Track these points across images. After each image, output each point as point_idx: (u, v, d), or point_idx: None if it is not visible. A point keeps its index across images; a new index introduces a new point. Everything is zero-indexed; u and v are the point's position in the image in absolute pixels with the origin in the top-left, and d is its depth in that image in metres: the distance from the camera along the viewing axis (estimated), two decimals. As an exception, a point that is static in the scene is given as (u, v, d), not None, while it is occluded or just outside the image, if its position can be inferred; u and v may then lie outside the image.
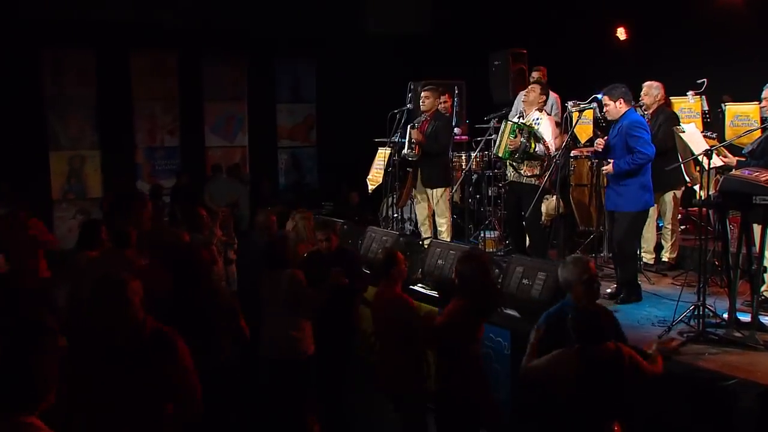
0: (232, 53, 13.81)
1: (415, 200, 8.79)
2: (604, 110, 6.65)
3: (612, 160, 6.55)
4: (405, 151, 8.43)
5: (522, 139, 7.35)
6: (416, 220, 9.13)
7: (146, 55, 13.26)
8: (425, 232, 8.71)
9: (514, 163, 7.55)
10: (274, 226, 7.17)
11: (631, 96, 6.65)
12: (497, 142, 7.72)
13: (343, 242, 8.11)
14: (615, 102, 6.47)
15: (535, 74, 9.30)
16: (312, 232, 6.76)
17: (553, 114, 8.42)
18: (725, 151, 6.36)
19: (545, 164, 7.45)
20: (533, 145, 7.34)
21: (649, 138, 6.44)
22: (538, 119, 7.54)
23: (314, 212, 11.85)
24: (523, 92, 9.20)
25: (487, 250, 8.51)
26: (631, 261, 6.61)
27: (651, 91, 7.54)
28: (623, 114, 6.48)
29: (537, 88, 7.65)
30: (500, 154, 7.66)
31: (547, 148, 7.39)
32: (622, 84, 6.56)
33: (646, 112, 7.54)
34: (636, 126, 6.41)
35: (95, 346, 3.70)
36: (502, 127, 7.62)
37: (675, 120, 7.36)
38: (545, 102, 7.72)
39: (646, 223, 7.16)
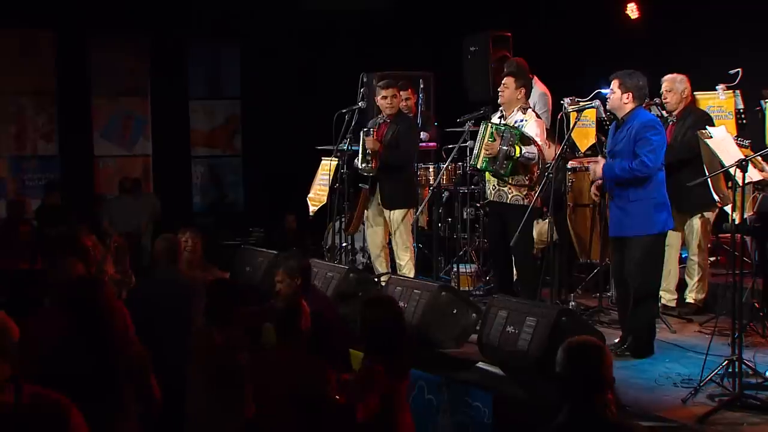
0: (130, 33, 13.69)
1: (367, 224, 8.74)
2: (608, 96, 6.67)
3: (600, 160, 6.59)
4: (359, 164, 8.42)
5: (503, 145, 7.35)
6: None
7: (11, 35, 13.07)
8: (381, 265, 8.68)
9: (497, 178, 7.56)
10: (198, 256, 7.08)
11: (647, 93, 6.69)
12: (474, 151, 7.74)
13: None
14: (623, 93, 6.50)
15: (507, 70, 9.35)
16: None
17: (539, 113, 8.46)
18: (762, 161, 6.42)
19: (535, 174, 7.47)
20: (518, 150, 7.35)
21: (663, 144, 6.46)
22: (522, 121, 7.56)
23: (240, 241, 11.91)
24: None
25: (462, 288, 8.50)
26: (646, 303, 6.61)
27: (676, 86, 7.60)
28: (631, 112, 6.51)
29: (510, 81, 7.66)
30: (478, 166, 7.67)
31: (539, 148, 7.41)
32: (643, 75, 6.57)
33: (668, 115, 7.60)
34: (650, 127, 6.43)
35: None
36: (481, 130, 7.64)
37: (708, 121, 7.43)
38: (527, 96, 7.74)
39: (666, 254, 7.19)
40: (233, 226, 13.34)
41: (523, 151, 7.36)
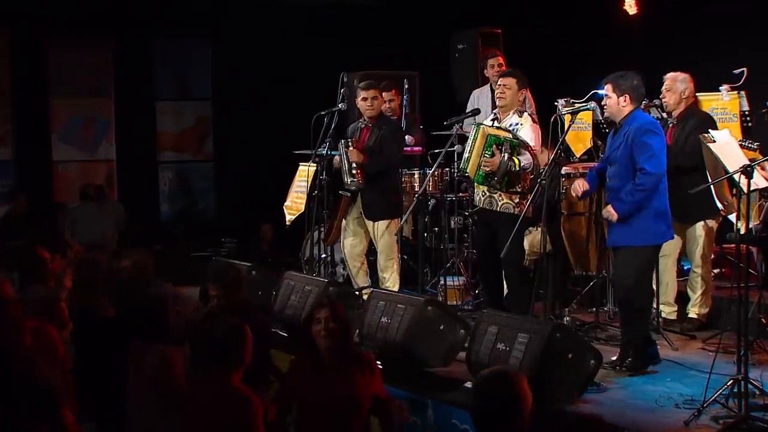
0: (92, 30, 13.65)
1: (345, 234, 8.73)
2: (603, 103, 6.71)
3: (610, 184, 6.60)
4: (346, 181, 8.40)
5: (503, 158, 7.35)
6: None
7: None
8: (361, 278, 8.67)
9: (489, 188, 7.58)
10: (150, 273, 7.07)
11: (644, 93, 6.74)
12: (464, 155, 7.74)
13: (251, 294, 8.04)
14: (619, 96, 6.54)
15: (491, 68, 9.35)
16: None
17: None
18: (768, 164, 6.46)
19: (527, 182, 7.49)
20: (517, 162, 7.37)
21: (663, 147, 6.50)
22: (517, 125, 7.58)
23: (211, 252, 11.88)
24: (477, 91, 9.29)
25: (449, 302, 8.51)
26: (640, 315, 6.66)
27: (676, 85, 7.63)
28: (628, 115, 6.55)
29: (512, 82, 7.66)
30: (469, 173, 7.66)
31: (534, 155, 7.44)
32: (636, 74, 6.63)
33: (668, 117, 7.64)
34: (647, 130, 6.46)
35: None
36: (473, 133, 7.63)
37: (711, 124, 7.46)
38: (524, 101, 7.77)
39: (662, 264, 7.27)
40: (204, 236, 13.30)
41: (522, 164, 7.38)
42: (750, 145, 7.20)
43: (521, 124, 7.59)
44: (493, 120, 7.81)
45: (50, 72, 13.60)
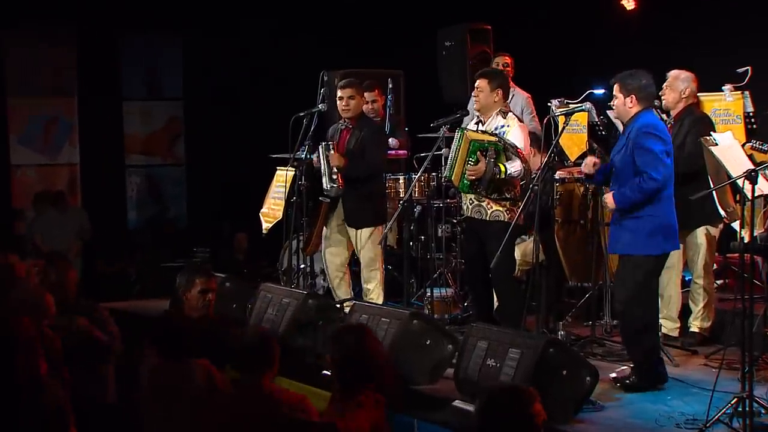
0: (53, 23, 13.63)
1: (326, 243, 8.71)
2: (611, 104, 6.72)
3: (612, 190, 6.63)
4: (326, 186, 8.38)
5: (488, 164, 7.36)
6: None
7: None
8: (342, 290, 8.66)
9: (475, 195, 7.60)
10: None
11: (654, 93, 6.77)
12: (449, 160, 7.76)
13: (225, 307, 8.05)
14: (626, 97, 6.56)
15: (497, 66, 9.38)
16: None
17: (526, 122, 8.52)
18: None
19: (518, 188, 7.51)
20: (503, 169, 7.38)
21: (666, 151, 6.52)
22: (502, 127, 7.59)
23: (182, 263, 11.84)
24: None
25: (436, 315, 8.52)
26: (644, 332, 6.67)
27: (676, 83, 7.64)
28: (634, 117, 6.57)
29: (483, 83, 7.64)
30: (454, 180, 7.68)
31: (525, 159, 7.45)
32: (646, 73, 6.66)
33: (666, 116, 7.67)
34: (646, 132, 6.45)
35: None
36: (456, 138, 7.65)
37: (708, 125, 7.48)
38: (505, 99, 7.78)
39: (666, 276, 7.27)
40: (174, 245, 13.29)
41: (508, 171, 7.36)
42: (761, 146, 7.19)
43: (508, 126, 7.57)
44: (477, 123, 7.81)
45: (8, 70, 13.56)
